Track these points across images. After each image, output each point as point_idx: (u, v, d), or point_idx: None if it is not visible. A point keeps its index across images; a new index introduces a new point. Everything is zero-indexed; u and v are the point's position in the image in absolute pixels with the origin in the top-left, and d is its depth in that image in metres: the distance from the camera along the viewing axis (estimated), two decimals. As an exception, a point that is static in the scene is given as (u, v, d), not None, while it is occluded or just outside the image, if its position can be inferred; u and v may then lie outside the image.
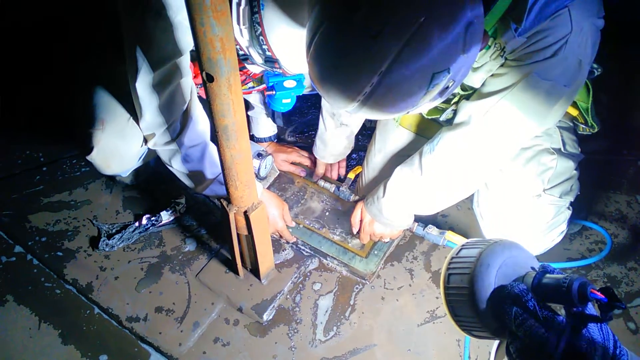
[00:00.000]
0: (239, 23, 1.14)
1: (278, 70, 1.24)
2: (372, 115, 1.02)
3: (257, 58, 1.21)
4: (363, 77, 0.91)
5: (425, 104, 0.99)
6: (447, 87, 0.95)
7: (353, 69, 0.92)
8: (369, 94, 0.93)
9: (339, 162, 1.89)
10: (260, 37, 1.12)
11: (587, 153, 1.53)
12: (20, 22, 2.34)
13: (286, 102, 1.46)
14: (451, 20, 0.87)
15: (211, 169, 1.44)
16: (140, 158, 1.57)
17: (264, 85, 1.45)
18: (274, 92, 1.40)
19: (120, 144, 1.46)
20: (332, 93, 0.99)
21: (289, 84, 1.42)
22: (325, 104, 1.70)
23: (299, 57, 1.17)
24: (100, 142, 1.43)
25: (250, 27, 1.13)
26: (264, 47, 1.14)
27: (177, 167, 1.45)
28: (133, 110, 1.37)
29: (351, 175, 1.84)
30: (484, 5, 0.92)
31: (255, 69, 1.40)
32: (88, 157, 1.46)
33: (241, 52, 1.24)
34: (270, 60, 1.19)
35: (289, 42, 1.13)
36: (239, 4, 1.11)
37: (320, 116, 1.75)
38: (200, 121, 1.40)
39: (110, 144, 1.44)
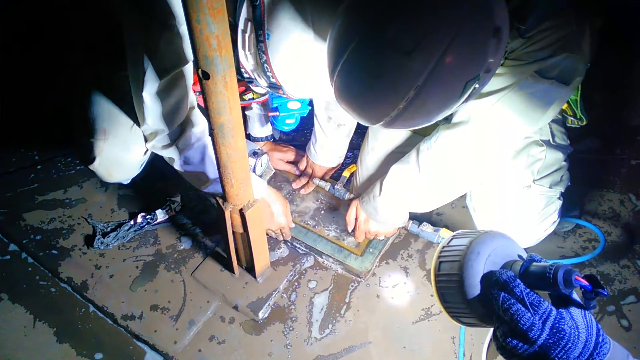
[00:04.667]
0: (244, 49, 1.15)
1: (282, 94, 1.25)
2: (401, 127, 1.02)
3: (262, 82, 1.22)
4: (398, 94, 0.92)
5: (451, 112, 1.00)
6: (473, 92, 0.96)
7: (388, 87, 0.93)
8: (403, 109, 0.94)
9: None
10: (265, 65, 1.13)
11: (581, 152, 1.54)
12: (19, 24, 2.34)
13: (290, 122, 1.47)
14: (481, 29, 0.88)
15: (212, 169, 1.43)
16: (142, 165, 1.57)
17: (264, 98, 1.46)
18: (277, 114, 1.41)
19: (123, 154, 1.45)
20: (363, 111, 1.00)
21: (293, 105, 1.43)
22: (318, 110, 1.69)
23: (303, 85, 1.19)
24: (102, 152, 1.42)
25: (255, 53, 1.14)
26: (269, 74, 1.15)
27: (179, 169, 1.45)
28: (135, 116, 1.36)
29: (346, 174, 1.84)
30: None
31: (259, 90, 1.41)
32: (90, 167, 1.45)
33: (246, 75, 1.25)
34: (274, 87, 1.20)
35: (294, 71, 1.14)
36: (244, 31, 1.13)
37: (316, 124, 1.74)
38: (199, 124, 1.39)
39: (112, 154, 1.43)
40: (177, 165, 1.44)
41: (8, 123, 2.09)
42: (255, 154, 1.75)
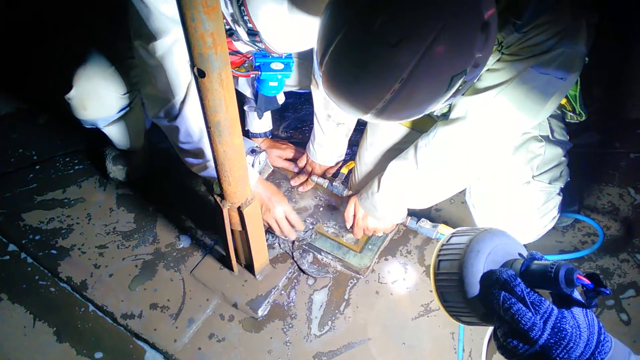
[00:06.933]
0: None
1: (260, 44, 1.22)
2: (387, 120, 1.02)
3: (242, 33, 1.20)
4: (384, 85, 0.92)
5: (439, 105, 1.00)
6: (462, 87, 0.96)
7: (374, 78, 0.92)
8: (389, 101, 0.93)
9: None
10: (242, 7, 1.11)
11: (580, 146, 1.53)
12: (20, 19, 2.34)
13: (273, 85, 1.44)
14: (468, 24, 0.88)
15: (209, 151, 1.43)
16: (120, 110, 1.56)
17: (248, 73, 1.44)
18: (259, 73, 1.39)
19: (100, 84, 1.46)
20: (350, 103, 0.99)
21: (276, 65, 1.40)
22: (318, 109, 1.70)
23: (279, 29, 1.16)
24: (80, 79, 1.43)
25: None
26: (245, 17, 1.13)
27: (177, 145, 1.46)
28: (118, 67, 1.41)
29: (344, 171, 1.84)
30: None
31: (242, 47, 1.39)
32: (66, 96, 1.46)
33: (227, 27, 1.23)
34: (252, 33, 1.18)
35: (268, 11, 1.12)
36: None
37: (316, 122, 1.74)
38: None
39: (90, 82, 1.44)
40: (175, 141, 1.44)
41: (5, 123, 2.09)
42: (253, 151, 1.74)
